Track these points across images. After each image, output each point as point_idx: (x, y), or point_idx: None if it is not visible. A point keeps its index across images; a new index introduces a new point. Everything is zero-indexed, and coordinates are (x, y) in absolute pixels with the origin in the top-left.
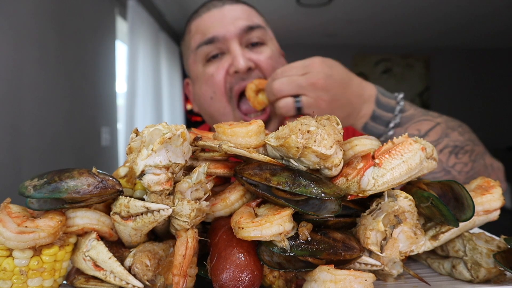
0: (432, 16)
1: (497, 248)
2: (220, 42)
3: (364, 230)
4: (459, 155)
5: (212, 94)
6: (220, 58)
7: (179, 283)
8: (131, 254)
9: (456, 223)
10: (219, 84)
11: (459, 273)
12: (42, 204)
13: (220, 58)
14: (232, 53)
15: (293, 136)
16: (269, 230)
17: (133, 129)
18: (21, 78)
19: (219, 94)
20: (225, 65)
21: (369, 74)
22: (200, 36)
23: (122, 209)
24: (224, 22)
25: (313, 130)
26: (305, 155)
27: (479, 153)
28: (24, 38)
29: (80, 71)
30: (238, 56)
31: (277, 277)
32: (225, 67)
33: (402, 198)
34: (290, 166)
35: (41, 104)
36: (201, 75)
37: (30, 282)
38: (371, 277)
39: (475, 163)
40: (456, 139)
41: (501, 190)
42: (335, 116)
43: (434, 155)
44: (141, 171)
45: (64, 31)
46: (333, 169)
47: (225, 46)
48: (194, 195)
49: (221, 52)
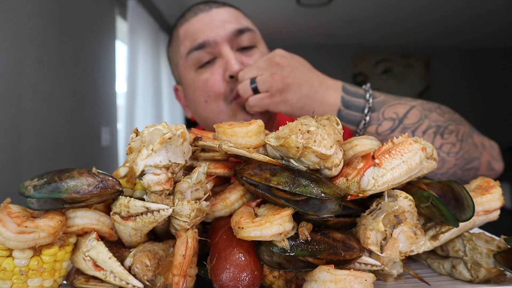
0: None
1: (497, 248)
2: (211, 47)
3: (364, 230)
4: (444, 135)
5: (207, 98)
6: (212, 63)
7: (179, 283)
8: (131, 254)
9: (456, 223)
10: (214, 87)
11: (459, 273)
12: (42, 204)
13: (212, 63)
14: (225, 57)
15: (293, 136)
16: (269, 230)
17: (133, 129)
18: (21, 78)
19: (214, 96)
20: (219, 70)
21: (369, 74)
22: (189, 41)
23: (122, 209)
24: (213, 26)
25: (313, 130)
26: (305, 155)
27: (465, 132)
28: (24, 38)
29: (80, 71)
30: (231, 60)
31: (277, 277)
32: (220, 73)
33: (402, 198)
34: (290, 166)
35: (41, 104)
36: (193, 81)
37: (30, 282)
38: (371, 277)
39: (463, 142)
40: (437, 119)
41: (501, 190)
42: (335, 116)
43: (434, 155)
44: (141, 171)
45: (64, 31)
46: (333, 169)
47: (216, 51)
48: (194, 195)
49: (213, 57)
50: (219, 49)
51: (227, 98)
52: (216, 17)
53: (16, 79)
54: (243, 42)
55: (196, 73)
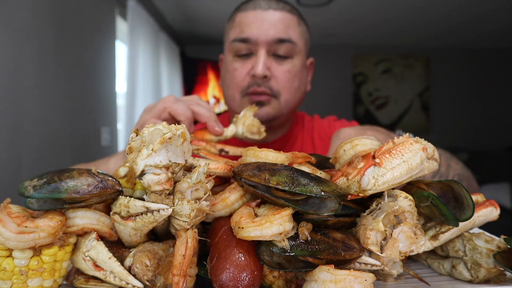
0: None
1: (497, 248)
2: (251, 44)
3: (364, 230)
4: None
5: (230, 83)
6: (247, 57)
7: (179, 283)
8: (131, 254)
9: (456, 223)
10: (238, 78)
11: (459, 273)
12: (42, 204)
13: (247, 57)
14: (257, 58)
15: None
16: (269, 230)
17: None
18: (21, 78)
19: (235, 85)
20: (248, 66)
21: (369, 74)
22: (237, 31)
23: (122, 209)
24: (261, 26)
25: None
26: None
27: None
28: (23, 38)
29: (80, 71)
30: (260, 63)
31: (277, 277)
32: (247, 68)
33: (402, 198)
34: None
35: (41, 104)
36: (228, 63)
37: (30, 282)
38: (371, 277)
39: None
40: (456, 168)
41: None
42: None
43: (435, 155)
44: (141, 171)
45: (64, 31)
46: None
47: (254, 49)
48: (194, 195)
49: (250, 52)
50: (257, 49)
51: (243, 91)
52: (268, 18)
53: (16, 79)
54: (279, 51)
55: (233, 59)
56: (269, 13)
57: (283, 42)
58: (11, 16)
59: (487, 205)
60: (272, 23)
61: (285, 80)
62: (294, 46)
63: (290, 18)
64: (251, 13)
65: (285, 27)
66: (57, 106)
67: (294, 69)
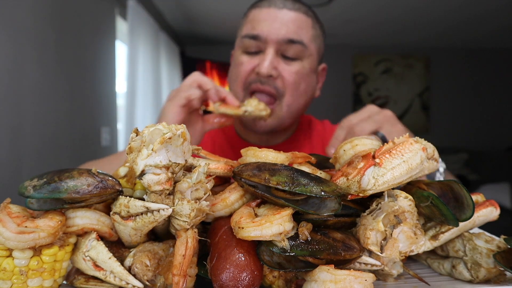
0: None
1: (497, 248)
2: (261, 41)
3: (364, 230)
4: None
5: (236, 77)
6: (255, 54)
7: (179, 283)
8: (131, 254)
9: (456, 223)
10: (242, 73)
11: (459, 273)
12: (42, 204)
13: (255, 54)
14: (265, 56)
15: None
16: (269, 230)
17: (133, 129)
18: (20, 78)
19: (239, 79)
20: (255, 62)
21: (369, 74)
22: (249, 27)
23: (122, 209)
24: (273, 25)
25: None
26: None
27: None
28: (23, 38)
29: (80, 71)
30: (266, 61)
31: (277, 277)
32: (253, 65)
33: (402, 198)
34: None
35: (41, 104)
36: (236, 57)
37: (30, 282)
38: (371, 277)
39: None
40: None
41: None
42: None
43: (435, 155)
44: (141, 171)
45: (64, 31)
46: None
47: (263, 46)
48: (194, 195)
49: (258, 50)
50: (265, 47)
51: (245, 86)
52: (281, 17)
53: (16, 80)
54: (288, 52)
55: (241, 54)
56: (283, 12)
57: (293, 43)
58: (11, 16)
59: (487, 205)
60: (284, 22)
61: (291, 80)
62: (304, 49)
63: (304, 19)
64: (265, 11)
65: (297, 28)
66: (57, 106)
67: (302, 71)
